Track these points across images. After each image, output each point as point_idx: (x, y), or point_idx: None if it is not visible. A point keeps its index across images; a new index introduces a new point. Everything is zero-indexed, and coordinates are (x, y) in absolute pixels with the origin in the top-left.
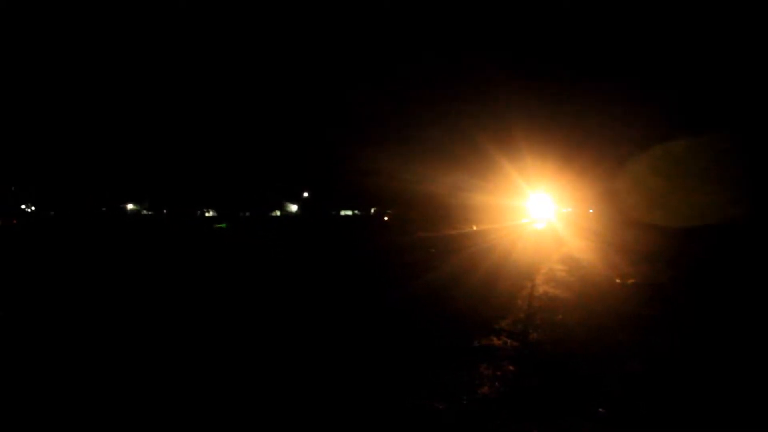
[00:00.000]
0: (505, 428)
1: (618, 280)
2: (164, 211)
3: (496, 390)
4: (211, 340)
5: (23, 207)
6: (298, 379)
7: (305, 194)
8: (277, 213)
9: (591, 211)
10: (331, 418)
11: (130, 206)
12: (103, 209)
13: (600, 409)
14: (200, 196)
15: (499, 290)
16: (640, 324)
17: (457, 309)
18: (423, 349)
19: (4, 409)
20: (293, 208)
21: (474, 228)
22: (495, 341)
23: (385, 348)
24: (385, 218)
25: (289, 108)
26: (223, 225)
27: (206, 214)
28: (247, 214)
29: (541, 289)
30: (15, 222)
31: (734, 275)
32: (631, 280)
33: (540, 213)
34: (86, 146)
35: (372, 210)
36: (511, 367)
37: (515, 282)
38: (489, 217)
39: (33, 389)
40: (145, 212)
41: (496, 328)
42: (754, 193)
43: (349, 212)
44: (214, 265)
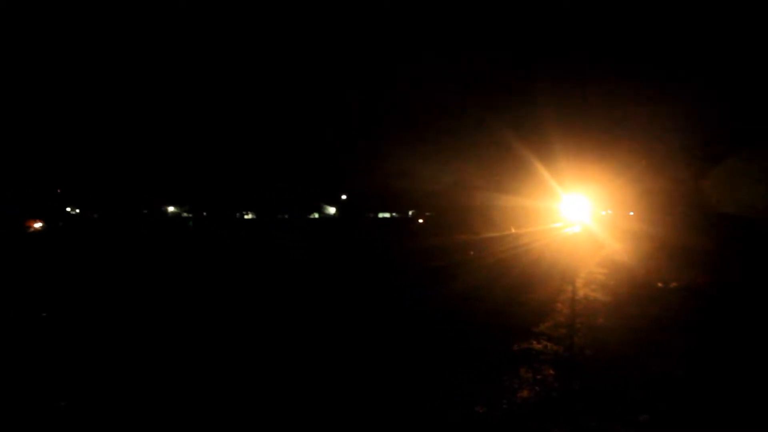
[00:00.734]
0: None
1: (660, 284)
2: (203, 214)
3: (536, 394)
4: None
5: (68, 210)
6: (343, 383)
7: (343, 196)
8: (316, 215)
9: (632, 213)
10: (372, 420)
11: (170, 209)
12: (145, 211)
13: (642, 416)
14: (239, 199)
15: (538, 293)
16: (681, 330)
17: (497, 312)
18: (463, 352)
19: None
20: (332, 210)
21: (513, 231)
22: (535, 345)
23: (426, 351)
24: (420, 221)
25: (327, 111)
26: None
27: (245, 216)
28: (286, 216)
29: (582, 292)
30: (61, 224)
31: None
32: (673, 284)
33: (575, 215)
34: (128, 150)
35: (410, 212)
36: (551, 371)
37: (555, 285)
38: (524, 220)
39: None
40: (185, 214)
41: (536, 332)
42: None
43: (387, 214)
44: (231, 267)
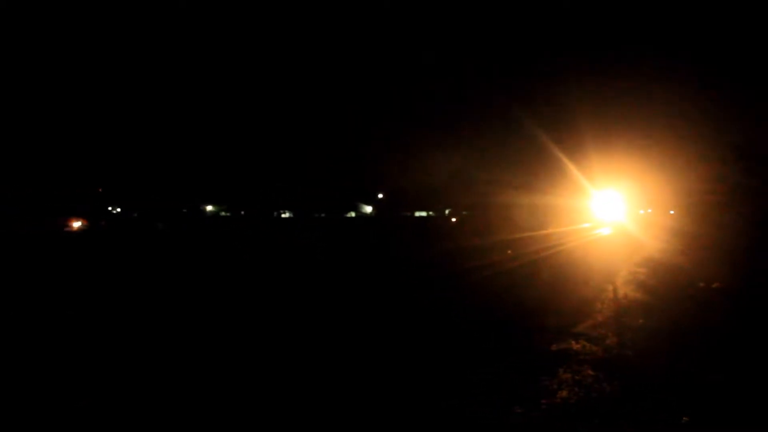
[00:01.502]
0: None
1: (702, 284)
2: (242, 213)
3: (575, 395)
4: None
5: (109, 209)
6: (384, 380)
7: (380, 195)
8: (352, 214)
9: (672, 212)
10: (411, 418)
11: (209, 208)
12: (184, 210)
13: (684, 418)
14: (276, 198)
15: (577, 293)
16: (723, 332)
17: (535, 312)
18: (501, 351)
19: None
20: (368, 209)
21: (550, 230)
22: (574, 345)
23: (465, 351)
24: (453, 219)
25: (365, 110)
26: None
27: (282, 215)
28: (322, 215)
29: (621, 292)
30: (103, 223)
31: None
32: (716, 284)
33: (608, 214)
34: (168, 150)
35: (447, 211)
36: (590, 372)
37: (594, 284)
38: (561, 218)
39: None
40: (223, 213)
41: (575, 332)
42: None
43: (423, 213)
44: (250, 266)
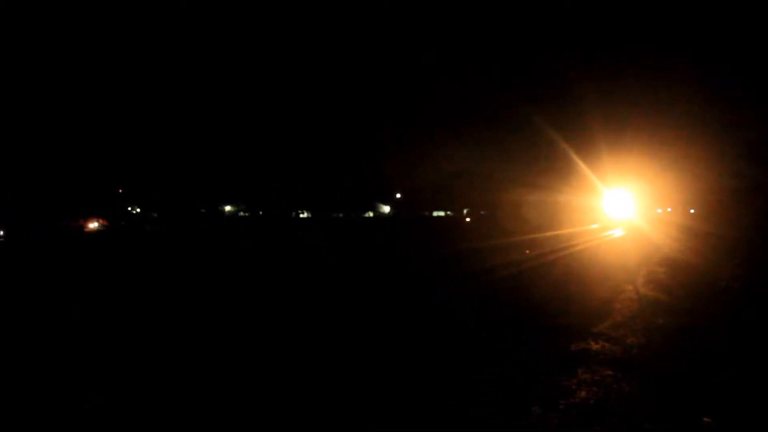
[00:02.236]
0: None
1: (724, 284)
2: (260, 213)
3: (594, 395)
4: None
5: (129, 209)
6: (405, 379)
7: (397, 195)
8: (370, 214)
9: (692, 211)
10: (429, 416)
11: (227, 207)
12: (202, 210)
13: (705, 419)
14: (294, 198)
15: (596, 293)
16: (744, 333)
17: (555, 311)
18: (520, 351)
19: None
20: (386, 209)
21: (567, 230)
22: (593, 345)
23: (483, 350)
24: (467, 219)
25: (382, 110)
26: None
27: (300, 215)
28: (340, 215)
29: (641, 292)
30: (123, 223)
31: None
32: (736, 284)
33: (623, 213)
34: (187, 150)
35: (465, 211)
36: (609, 372)
37: (614, 284)
38: (574, 219)
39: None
40: (241, 213)
41: (594, 332)
42: None
43: (441, 213)
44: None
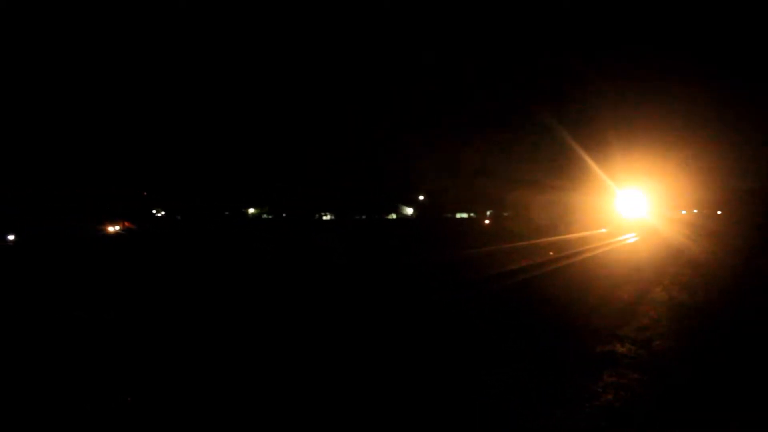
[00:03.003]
0: None
1: (752, 287)
2: (283, 215)
3: (619, 399)
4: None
5: (153, 212)
6: (430, 381)
7: (420, 197)
8: (393, 216)
9: (719, 212)
10: (453, 417)
11: (251, 210)
12: (226, 213)
13: (731, 424)
14: (317, 201)
15: (621, 295)
16: None
17: (580, 313)
18: (544, 354)
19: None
20: (409, 211)
21: (589, 232)
22: (619, 348)
23: (507, 353)
24: (486, 222)
25: (405, 111)
26: None
27: (324, 218)
28: (363, 217)
29: (668, 294)
30: (148, 226)
31: None
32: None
33: (645, 215)
34: (210, 153)
35: (488, 212)
36: (635, 376)
37: (640, 286)
38: (596, 220)
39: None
40: (265, 216)
41: (620, 335)
42: None
43: (464, 215)
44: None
